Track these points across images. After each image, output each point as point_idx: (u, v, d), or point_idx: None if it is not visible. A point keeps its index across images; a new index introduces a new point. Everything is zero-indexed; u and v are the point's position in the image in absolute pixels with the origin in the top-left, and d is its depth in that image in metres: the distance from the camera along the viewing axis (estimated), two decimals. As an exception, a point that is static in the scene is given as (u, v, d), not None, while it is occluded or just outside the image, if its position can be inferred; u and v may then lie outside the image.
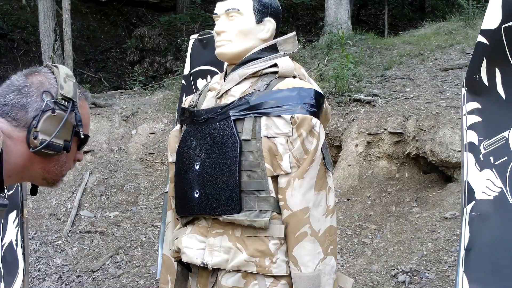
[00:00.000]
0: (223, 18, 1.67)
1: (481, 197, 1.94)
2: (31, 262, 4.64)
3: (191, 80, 3.30)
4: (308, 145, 1.52)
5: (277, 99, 1.53)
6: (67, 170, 1.27)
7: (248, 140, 1.52)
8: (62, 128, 1.17)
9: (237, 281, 1.54)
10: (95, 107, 6.74)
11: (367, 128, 5.25)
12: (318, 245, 1.50)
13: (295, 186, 1.50)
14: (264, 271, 1.50)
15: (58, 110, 1.17)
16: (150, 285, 4.30)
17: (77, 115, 1.20)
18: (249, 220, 1.50)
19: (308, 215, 1.50)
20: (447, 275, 3.64)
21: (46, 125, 1.15)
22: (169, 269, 1.78)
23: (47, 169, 1.23)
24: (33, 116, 1.16)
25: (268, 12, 1.67)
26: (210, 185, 1.56)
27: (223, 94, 1.65)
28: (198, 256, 1.58)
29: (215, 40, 1.70)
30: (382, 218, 4.65)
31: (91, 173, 5.99)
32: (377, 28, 11.59)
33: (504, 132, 1.92)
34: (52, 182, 1.26)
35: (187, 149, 1.65)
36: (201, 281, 1.62)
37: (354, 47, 7.40)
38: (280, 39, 1.68)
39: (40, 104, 1.16)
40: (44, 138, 1.15)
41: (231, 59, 1.67)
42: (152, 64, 10.27)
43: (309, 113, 1.52)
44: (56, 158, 1.21)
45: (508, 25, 1.82)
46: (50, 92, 1.18)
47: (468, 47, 6.72)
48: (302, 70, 1.68)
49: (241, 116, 1.55)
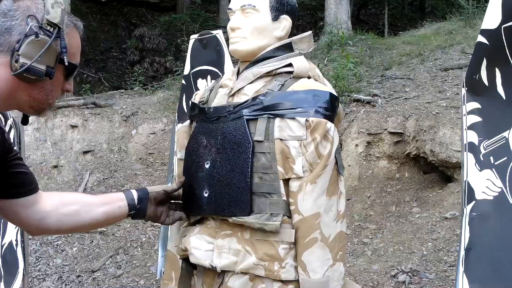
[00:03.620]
0: (238, 14, 1.62)
1: (481, 197, 1.94)
2: (31, 262, 4.63)
3: (191, 80, 3.29)
4: (322, 149, 1.48)
5: (292, 101, 1.49)
6: (53, 98, 1.25)
7: (261, 141, 1.49)
8: (44, 53, 1.15)
9: (244, 284, 1.52)
10: (95, 107, 6.74)
11: (367, 128, 5.25)
12: (328, 251, 1.48)
13: (307, 190, 1.47)
14: (273, 275, 1.48)
15: (42, 35, 1.15)
16: (150, 285, 4.30)
17: (62, 42, 1.18)
18: (259, 223, 1.47)
19: (319, 221, 1.47)
20: (447, 275, 3.64)
21: (28, 49, 1.14)
22: (174, 265, 1.76)
23: (33, 96, 1.21)
24: (17, 40, 1.14)
25: (285, 10, 1.63)
26: (220, 185, 1.54)
27: (236, 93, 1.61)
28: (207, 258, 1.56)
29: (229, 36, 1.65)
30: (382, 218, 4.65)
31: (91, 173, 5.99)
32: (377, 28, 11.58)
33: (504, 132, 1.92)
34: (39, 110, 1.24)
35: (197, 146, 1.62)
36: (207, 281, 1.61)
37: (354, 47, 7.41)
38: (296, 38, 1.64)
39: (24, 28, 1.15)
40: (24, 62, 1.13)
41: (245, 56, 1.63)
42: (152, 64, 10.27)
43: (324, 117, 1.49)
44: (40, 84, 1.19)
45: (508, 25, 1.82)
46: (36, 16, 1.16)
47: (468, 47, 6.72)
48: (316, 71, 1.64)
49: (255, 116, 1.51)
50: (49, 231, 1.48)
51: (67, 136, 6.38)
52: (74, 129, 6.44)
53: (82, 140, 6.39)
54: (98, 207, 1.48)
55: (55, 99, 1.26)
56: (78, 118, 6.52)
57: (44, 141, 6.31)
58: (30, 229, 1.45)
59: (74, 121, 6.47)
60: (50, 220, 1.40)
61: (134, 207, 1.54)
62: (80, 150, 6.27)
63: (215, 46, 3.14)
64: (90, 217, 1.47)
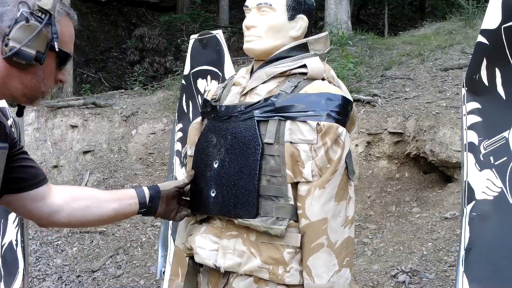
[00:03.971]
0: (254, 12, 1.59)
1: (481, 197, 1.94)
2: (31, 262, 4.64)
3: (191, 80, 3.29)
4: (332, 154, 1.46)
5: (304, 104, 1.47)
6: (46, 87, 1.26)
7: (270, 144, 1.47)
8: (34, 38, 1.17)
9: (248, 286, 1.51)
10: (95, 107, 6.74)
11: (367, 128, 5.26)
12: (334, 257, 1.47)
13: (315, 195, 1.45)
14: (277, 279, 1.47)
15: (32, 21, 1.17)
16: (150, 285, 4.30)
17: (53, 28, 1.19)
18: (265, 227, 1.46)
19: (326, 226, 1.45)
20: (447, 275, 3.64)
21: (18, 33, 1.15)
22: (181, 261, 1.75)
23: (25, 83, 1.22)
24: (8, 25, 1.16)
25: (301, 9, 1.60)
26: (227, 185, 1.52)
27: (248, 92, 1.59)
28: (211, 258, 1.55)
29: (244, 34, 1.63)
30: (382, 218, 4.65)
31: (91, 173, 5.99)
32: (377, 28, 11.59)
33: (504, 132, 1.92)
34: (31, 98, 1.25)
35: (206, 145, 1.61)
36: (212, 280, 1.60)
37: (354, 47, 7.41)
38: (312, 38, 1.61)
39: (15, 14, 1.16)
40: (14, 46, 1.15)
41: (259, 55, 1.61)
42: (152, 64, 10.28)
43: (336, 121, 1.46)
44: (32, 70, 1.21)
45: (508, 25, 1.82)
46: (27, 3, 1.18)
47: (468, 47, 6.72)
48: (331, 72, 1.61)
49: (266, 118, 1.49)
50: (60, 224, 1.50)
51: (67, 136, 6.39)
52: (74, 129, 6.44)
53: (82, 140, 6.40)
54: (109, 204, 1.49)
55: (47, 88, 1.27)
56: (78, 118, 6.52)
57: (44, 141, 6.31)
58: (41, 222, 1.47)
59: (74, 121, 6.47)
60: (61, 214, 1.42)
61: (145, 205, 1.56)
62: (80, 150, 6.28)
63: (215, 46, 3.14)
64: (101, 213, 1.48)
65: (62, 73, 1.29)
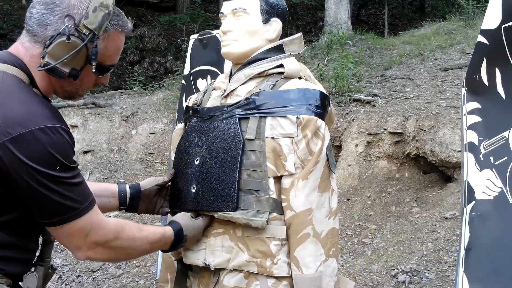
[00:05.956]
0: (230, 18, 1.66)
1: (481, 197, 1.94)
2: (31, 262, 4.63)
3: (191, 80, 3.30)
4: (313, 146, 1.51)
5: (283, 100, 1.53)
6: (83, 90, 1.31)
7: (251, 140, 1.52)
8: (72, 57, 1.17)
9: (239, 281, 1.53)
10: (95, 107, 6.74)
11: (367, 128, 5.26)
12: (320, 246, 1.50)
13: (299, 187, 1.49)
14: (265, 271, 1.50)
15: (74, 38, 1.17)
16: (150, 285, 4.30)
17: (94, 48, 1.20)
18: (246, 219, 1.48)
19: (311, 217, 1.49)
20: (447, 275, 3.64)
21: (57, 49, 1.16)
22: (169, 267, 1.77)
23: (63, 88, 1.27)
24: (50, 35, 1.17)
25: (275, 13, 1.66)
26: (208, 180, 1.55)
27: (229, 94, 1.64)
28: (200, 257, 1.58)
29: (221, 39, 1.69)
30: (382, 218, 4.65)
31: (91, 173, 5.99)
32: (377, 28, 11.59)
33: (504, 132, 1.92)
34: (70, 97, 1.30)
35: (187, 144, 1.65)
36: (203, 281, 1.62)
37: (354, 47, 7.41)
38: (286, 39, 1.67)
39: (59, 26, 1.17)
40: (49, 61, 1.16)
41: (237, 58, 1.66)
42: (152, 64, 10.28)
43: (315, 114, 1.52)
44: (69, 80, 1.23)
45: (508, 25, 1.82)
46: (74, 17, 1.17)
47: (468, 47, 6.73)
48: (307, 71, 1.67)
49: (247, 115, 1.54)
50: None
51: (67, 136, 6.38)
52: (74, 129, 6.44)
53: (82, 140, 6.40)
54: None
55: (86, 90, 1.32)
56: (78, 118, 6.52)
57: (44, 141, 6.30)
58: None
59: (74, 121, 6.47)
60: None
61: (125, 204, 1.61)
62: (80, 150, 6.28)
63: (215, 46, 3.15)
64: None
65: (104, 77, 1.32)
